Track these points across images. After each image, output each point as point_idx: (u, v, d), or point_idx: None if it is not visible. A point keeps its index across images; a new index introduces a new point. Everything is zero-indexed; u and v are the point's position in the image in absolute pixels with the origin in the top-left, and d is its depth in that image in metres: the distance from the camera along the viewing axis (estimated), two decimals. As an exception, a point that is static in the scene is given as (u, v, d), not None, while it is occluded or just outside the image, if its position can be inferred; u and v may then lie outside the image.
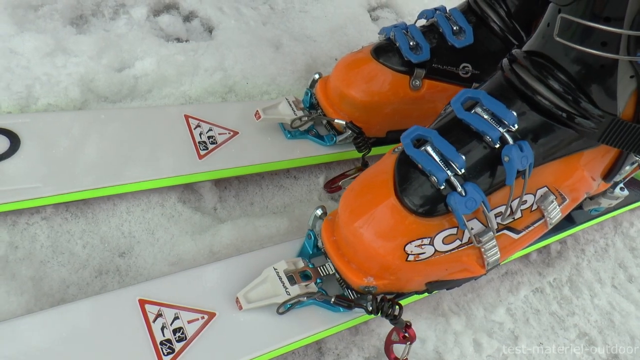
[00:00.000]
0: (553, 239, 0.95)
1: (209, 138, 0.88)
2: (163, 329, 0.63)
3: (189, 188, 0.88)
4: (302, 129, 0.93)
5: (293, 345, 0.68)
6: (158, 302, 0.66)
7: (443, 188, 0.63)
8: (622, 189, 0.90)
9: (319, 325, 0.70)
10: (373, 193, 0.66)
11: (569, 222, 0.94)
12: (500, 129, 0.63)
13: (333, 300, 0.68)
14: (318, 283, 0.70)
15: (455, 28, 0.89)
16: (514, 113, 0.64)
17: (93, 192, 0.77)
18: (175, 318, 0.65)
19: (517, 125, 0.64)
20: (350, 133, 0.89)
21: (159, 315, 0.64)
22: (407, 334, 0.69)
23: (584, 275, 0.98)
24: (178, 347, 0.62)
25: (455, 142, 0.64)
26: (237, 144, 0.89)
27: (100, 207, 0.81)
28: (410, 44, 0.87)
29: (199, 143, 0.86)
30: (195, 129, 0.88)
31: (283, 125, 0.93)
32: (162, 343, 0.62)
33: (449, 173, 0.62)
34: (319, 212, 0.73)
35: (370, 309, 0.67)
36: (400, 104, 0.90)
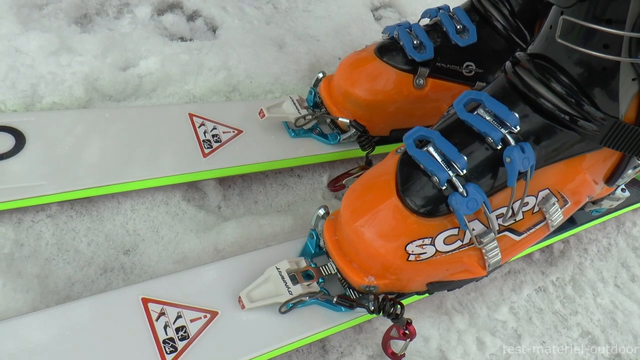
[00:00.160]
0: (555, 239, 0.95)
1: (213, 137, 0.88)
2: (166, 328, 0.64)
3: (193, 186, 0.88)
4: (306, 128, 0.93)
5: (295, 345, 0.68)
6: (161, 300, 0.66)
7: (445, 188, 0.63)
8: (623, 190, 0.90)
9: (321, 325, 0.70)
10: (375, 193, 0.66)
11: (570, 222, 0.94)
12: (502, 131, 0.63)
13: (335, 300, 0.68)
14: (320, 282, 0.70)
15: (459, 27, 0.89)
16: (516, 115, 0.64)
17: (98, 190, 0.78)
18: (178, 317, 0.65)
19: (519, 127, 0.64)
20: (354, 132, 0.89)
21: (162, 314, 0.65)
22: (407, 331, 0.70)
23: (587, 275, 0.98)
24: (181, 345, 0.63)
25: (458, 143, 0.64)
26: (241, 143, 0.89)
27: (105, 205, 0.81)
28: (414, 43, 0.87)
29: (203, 141, 0.87)
30: (200, 128, 0.88)
31: (287, 124, 0.94)
32: (164, 342, 0.62)
33: (451, 173, 0.63)
34: (321, 211, 0.73)
35: (372, 309, 0.67)
36: (404, 103, 0.90)
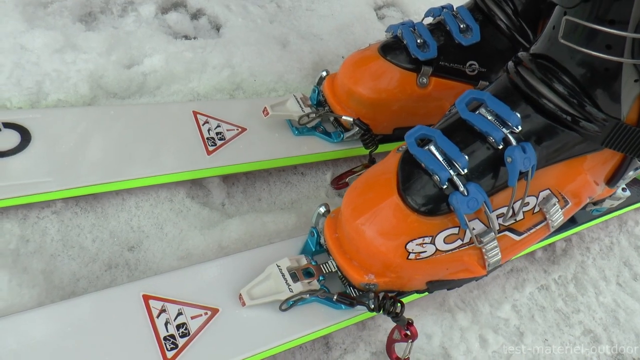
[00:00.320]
0: (557, 238, 0.95)
1: (217, 134, 0.88)
2: (167, 325, 0.64)
3: (197, 183, 0.89)
4: (309, 126, 0.93)
5: (295, 342, 0.69)
6: (162, 297, 0.66)
7: (445, 187, 0.63)
8: (624, 190, 0.90)
9: (322, 322, 0.70)
10: (376, 191, 0.67)
11: (571, 222, 0.94)
12: (504, 130, 0.63)
13: (335, 298, 0.68)
14: (320, 280, 0.70)
15: (462, 26, 0.89)
16: (518, 115, 0.64)
17: (102, 186, 0.78)
18: (179, 314, 0.65)
19: (520, 127, 0.64)
20: (358, 130, 0.90)
21: (163, 311, 0.65)
22: (409, 332, 0.70)
23: (589, 273, 0.98)
24: (181, 342, 0.63)
25: (459, 142, 0.64)
26: (245, 140, 0.89)
27: (110, 201, 0.82)
28: (418, 42, 0.88)
29: (208, 139, 0.87)
30: (204, 125, 0.89)
31: (291, 122, 0.94)
32: (165, 338, 0.63)
33: (452, 173, 0.63)
34: (322, 209, 0.73)
35: (372, 307, 0.68)
36: (407, 101, 0.91)
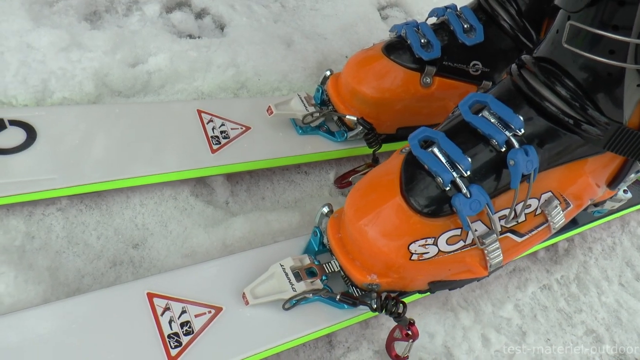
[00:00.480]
0: (559, 238, 0.95)
1: (222, 133, 0.89)
2: (171, 323, 0.64)
3: (201, 182, 0.89)
4: (313, 125, 0.94)
5: (298, 341, 0.69)
6: (166, 295, 0.67)
7: (448, 189, 0.63)
8: (625, 192, 0.90)
9: (324, 322, 0.71)
10: (379, 192, 0.67)
11: (572, 223, 0.94)
12: (507, 133, 0.63)
13: (338, 298, 0.69)
14: (323, 280, 0.71)
15: (466, 26, 0.89)
16: (521, 118, 0.64)
17: (107, 184, 0.78)
18: (183, 312, 0.65)
19: (523, 130, 0.64)
20: (361, 129, 0.90)
21: (167, 309, 0.65)
22: (409, 332, 0.70)
23: (592, 273, 0.98)
24: (185, 340, 0.63)
25: (462, 144, 0.65)
26: (249, 139, 0.90)
27: (114, 199, 0.82)
28: (422, 42, 0.88)
29: (212, 138, 0.87)
30: (208, 124, 0.89)
31: (294, 121, 0.94)
32: (169, 336, 0.63)
33: (455, 175, 0.63)
34: (325, 209, 0.74)
35: (375, 307, 0.68)
36: (411, 101, 0.91)
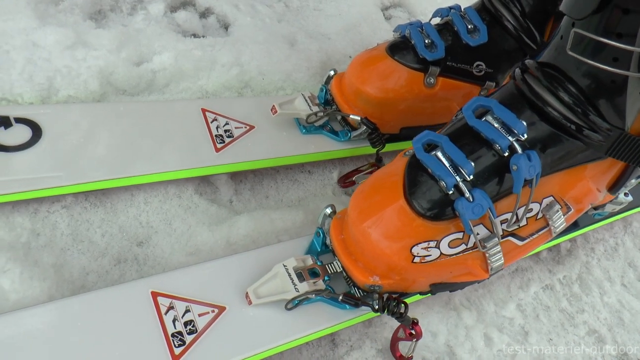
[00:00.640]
0: (561, 239, 0.96)
1: (226, 132, 0.89)
2: (174, 322, 0.65)
3: (205, 180, 0.89)
4: (317, 125, 0.94)
5: (300, 341, 0.69)
6: (170, 294, 0.67)
7: (451, 193, 0.63)
8: (625, 195, 0.90)
9: (326, 322, 0.71)
10: (382, 195, 0.67)
11: (573, 225, 0.94)
12: (510, 138, 0.64)
13: (340, 298, 0.69)
14: (326, 280, 0.71)
15: (470, 27, 0.90)
16: (524, 123, 0.64)
17: (112, 182, 0.79)
18: (187, 311, 0.66)
19: (526, 135, 0.64)
20: (365, 129, 0.90)
21: (171, 308, 0.66)
22: (413, 331, 0.71)
23: (594, 274, 0.98)
24: (189, 339, 0.64)
25: (465, 148, 0.65)
26: (253, 138, 0.90)
27: (119, 197, 0.83)
28: (426, 42, 0.88)
29: (216, 136, 0.88)
30: (212, 123, 0.89)
31: (298, 121, 0.95)
32: (173, 335, 0.63)
33: (458, 179, 0.63)
34: (328, 210, 0.74)
35: (377, 307, 0.68)
36: (415, 101, 0.91)
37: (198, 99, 0.99)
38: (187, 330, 0.64)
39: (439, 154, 0.65)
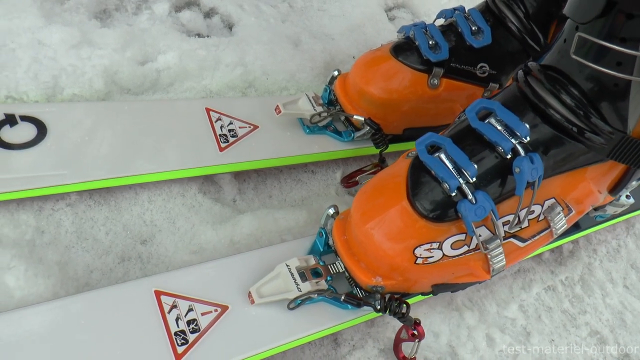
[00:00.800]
0: (563, 241, 0.96)
1: (230, 131, 0.89)
2: (177, 320, 0.65)
3: (209, 179, 0.90)
4: (320, 125, 0.94)
5: (302, 340, 0.70)
6: (173, 293, 0.67)
7: (454, 195, 0.64)
8: (627, 197, 0.91)
9: (328, 321, 0.71)
10: (386, 196, 0.67)
11: (575, 227, 0.94)
12: (513, 141, 0.64)
13: (342, 298, 0.69)
14: (328, 280, 0.71)
15: (474, 28, 0.90)
16: (527, 125, 0.65)
17: (116, 180, 0.79)
18: (190, 310, 0.66)
19: (529, 138, 0.65)
20: (368, 129, 0.90)
21: (174, 307, 0.66)
22: (416, 332, 0.71)
23: (596, 275, 0.98)
24: (192, 338, 0.64)
25: (468, 150, 0.65)
26: (257, 138, 0.90)
27: (123, 195, 0.83)
28: (430, 43, 0.88)
29: (220, 136, 0.88)
30: (216, 122, 0.90)
31: (302, 121, 0.95)
32: (176, 334, 0.64)
33: (461, 181, 0.63)
34: (331, 211, 0.74)
35: (379, 308, 0.69)
36: (418, 102, 0.91)
37: (202, 99, 0.99)
38: (190, 329, 0.64)
39: (442, 156, 0.65)
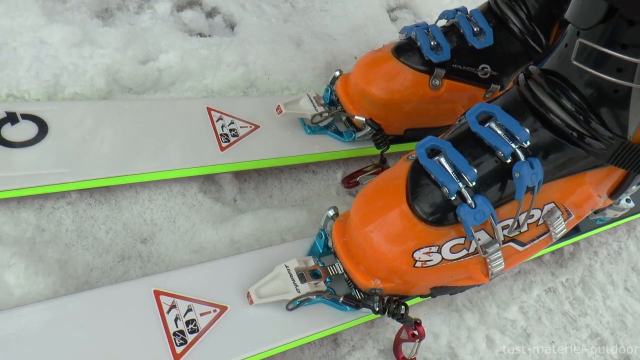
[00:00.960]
0: (564, 243, 0.96)
1: (231, 131, 0.89)
2: (176, 320, 0.65)
3: (210, 179, 0.90)
4: (322, 125, 0.94)
5: (301, 341, 0.70)
6: (172, 293, 0.67)
7: (454, 199, 0.64)
8: (627, 201, 0.90)
9: (327, 323, 0.71)
10: (385, 199, 0.67)
11: (574, 230, 0.94)
12: (513, 145, 0.64)
13: (341, 300, 0.69)
14: (327, 282, 0.71)
15: (476, 29, 0.90)
16: (527, 130, 0.65)
17: (116, 179, 0.79)
18: (189, 310, 0.66)
19: (529, 142, 0.65)
20: (370, 130, 0.90)
21: (173, 307, 0.66)
22: (416, 332, 0.71)
23: (597, 277, 0.98)
24: (190, 338, 0.64)
25: (468, 154, 0.65)
26: (258, 138, 0.90)
27: (123, 194, 0.83)
28: (431, 44, 0.88)
29: (221, 135, 0.88)
30: (218, 122, 0.90)
31: (303, 121, 0.95)
32: (175, 334, 0.64)
33: (460, 185, 0.63)
34: (331, 212, 0.74)
35: (377, 309, 0.69)
36: (419, 103, 0.91)
37: (203, 98, 0.99)
38: (188, 329, 0.64)
39: (442, 160, 0.65)
